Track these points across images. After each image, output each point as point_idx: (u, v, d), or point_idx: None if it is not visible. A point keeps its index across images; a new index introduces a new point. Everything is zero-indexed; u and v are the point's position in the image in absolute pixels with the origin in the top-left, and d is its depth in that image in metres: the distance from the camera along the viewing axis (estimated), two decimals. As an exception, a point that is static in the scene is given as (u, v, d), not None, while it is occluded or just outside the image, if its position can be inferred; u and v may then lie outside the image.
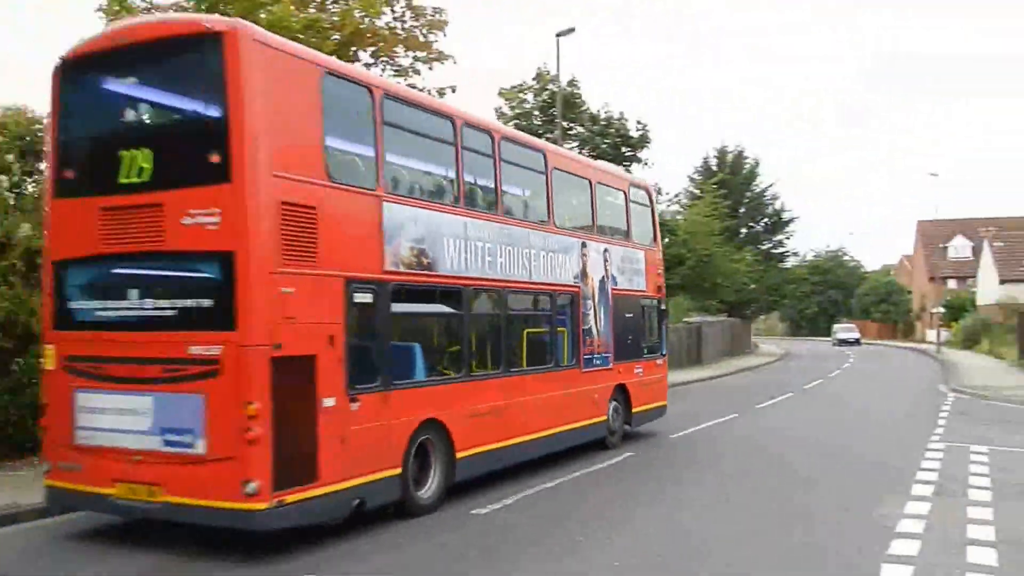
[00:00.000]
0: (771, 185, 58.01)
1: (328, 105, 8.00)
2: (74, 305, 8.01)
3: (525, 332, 11.37)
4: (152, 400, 7.29)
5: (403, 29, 18.00)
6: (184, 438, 7.12)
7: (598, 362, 12.95)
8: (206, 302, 7.28)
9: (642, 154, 30.62)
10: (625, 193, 14.56)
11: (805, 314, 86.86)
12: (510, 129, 15.65)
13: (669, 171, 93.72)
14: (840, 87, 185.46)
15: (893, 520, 8.52)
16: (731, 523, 8.76)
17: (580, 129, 30.58)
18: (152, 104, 8.15)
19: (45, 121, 9.60)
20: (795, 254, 64.47)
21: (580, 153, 30.17)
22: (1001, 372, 31.84)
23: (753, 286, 51.07)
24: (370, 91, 8.72)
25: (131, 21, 10.48)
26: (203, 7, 14.91)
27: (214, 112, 7.42)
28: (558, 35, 25.34)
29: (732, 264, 44.02)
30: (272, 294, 7.14)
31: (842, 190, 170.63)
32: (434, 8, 18.03)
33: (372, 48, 17.76)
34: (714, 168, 55.62)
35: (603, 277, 13.23)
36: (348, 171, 8.38)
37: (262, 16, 13.98)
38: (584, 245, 12.67)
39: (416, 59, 18.29)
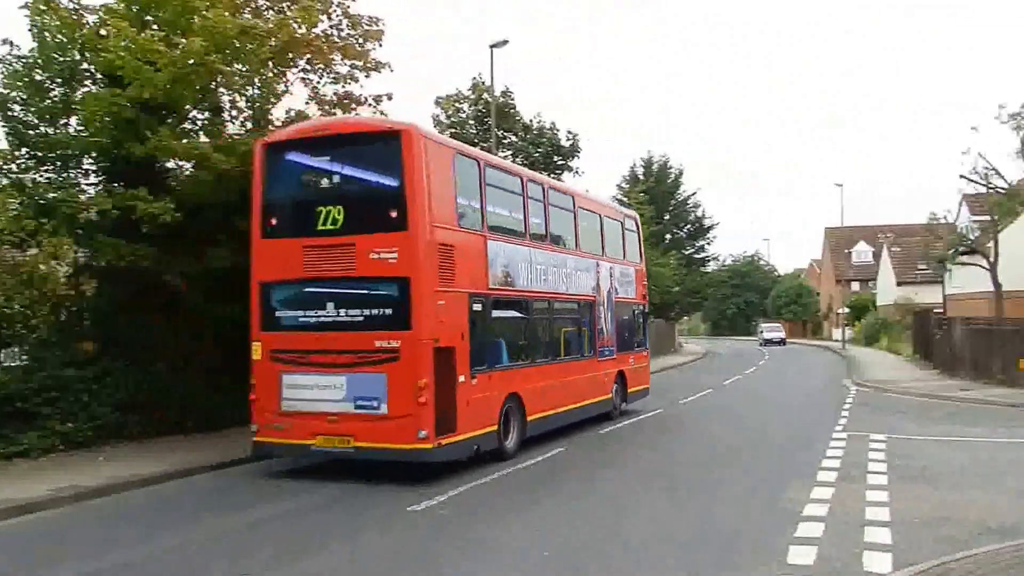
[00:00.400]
0: (694, 193, 59.93)
1: (457, 175, 11.52)
2: (278, 314, 11.21)
3: (563, 330, 15.24)
4: (345, 379, 10.53)
5: (340, 37, 18.23)
6: (371, 403, 10.40)
7: (607, 353, 16.89)
8: (388, 311, 10.60)
9: (573, 163, 31.49)
10: (621, 223, 18.87)
11: (725, 315, 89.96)
12: (553, 180, 20.73)
13: (601, 178, 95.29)
14: (760, 97, 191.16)
15: (800, 504, 9.25)
16: (650, 509, 9.34)
17: (514, 138, 31.24)
18: (344, 176, 11.57)
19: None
20: (715, 258, 66.86)
21: (514, 162, 30.89)
22: (898, 367, 33.93)
23: (677, 289, 52.63)
24: (478, 163, 12.53)
25: (328, 120, 14.94)
26: (133, 9, 14.93)
27: (394, 183, 10.93)
28: (492, 47, 25.86)
29: (657, 268, 45.33)
30: (433, 306, 10.47)
31: (759, 198, 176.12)
32: (370, 17, 18.32)
33: (308, 55, 17.97)
34: (640, 177, 57.08)
35: (609, 288, 17.11)
36: (468, 219, 11.80)
37: (195, 21, 13.91)
38: (597, 264, 16.61)
39: (353, 67, 18.60)
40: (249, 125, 18.16)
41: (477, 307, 11.58)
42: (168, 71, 13.69)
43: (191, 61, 13.95)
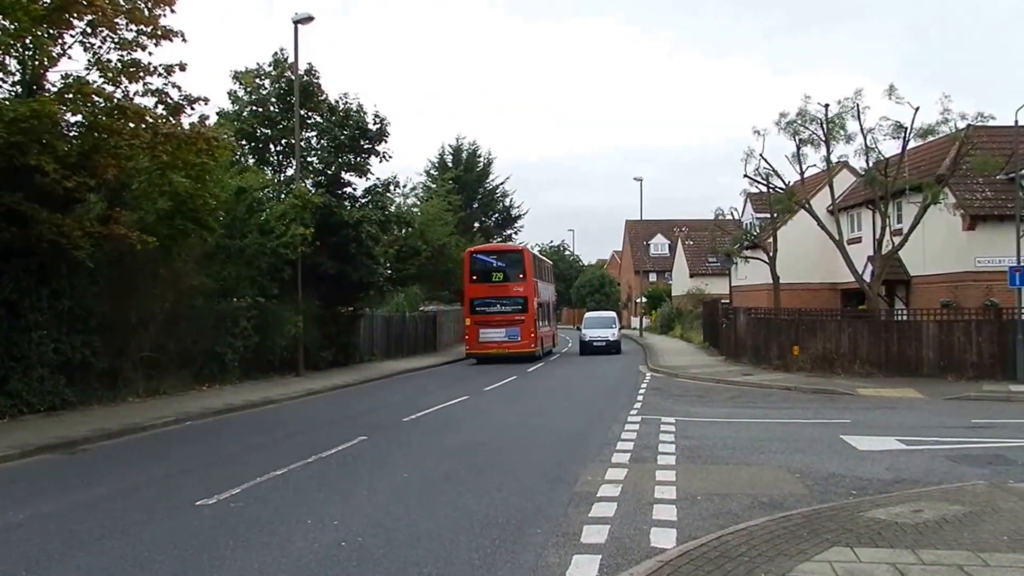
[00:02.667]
0: (503, 182, 61.03)
1: (535, 261, 38.57)
2: (477, 309, 34.56)
3: (547, 314, 39.42)
4: (506, 329, 34.06)
5: (126, 1, 16.88)
6: (515, 337, 34.06)
7: (545, 326, 38.65)
8: (520, 306, 34.46)
9: (380, 147, 30.86)
10: (551, 265, 49.91)
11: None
12: (534, 251, 45.61)
13: (411, 163, 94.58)
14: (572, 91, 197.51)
15: (595, 486, 9.59)
16: (443, 493, 9.29)
17: (319, 119, 30.20)
18: (501, 265, 35.58)
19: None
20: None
21: (319, 144, 29.95)
22: (690, 353, 36.26)
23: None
24: (540, 258, 43.83)
25: (494, 244, 47.37)
26: None
27: (521, 265, 35.53)
28: (296, 21, 24.86)
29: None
30: (533, 305, 34.92)
31: (566, 188, 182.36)
32: (161, -19, 17.10)
33: (90, 17, 16.46)
34: (449, 164, 57.27)
35: (548, 296, 40.32)
36: (537, 274, 37.39)
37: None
38: (549, 286, 41.96)
39: (141, 33, 17.25)
40: (19, 89, 16.44)
41: (540, 306, 36.05)
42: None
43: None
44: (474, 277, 34.72)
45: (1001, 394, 19.40)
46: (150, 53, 17.47)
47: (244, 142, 28.57)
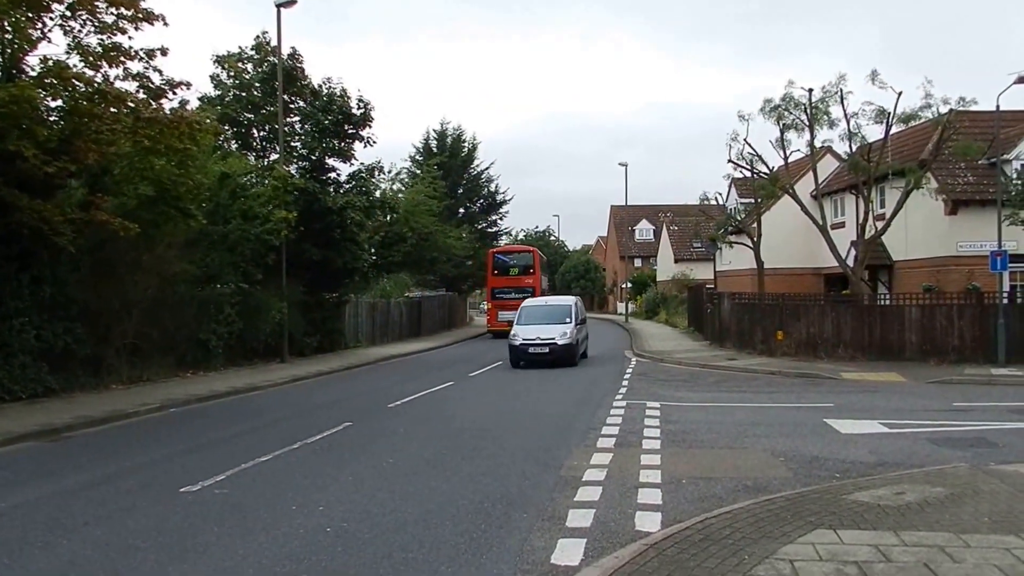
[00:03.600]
0: (488, 167, 60.81)
1: (541, 258, 48.31)
2: (496, 294, 43.81)
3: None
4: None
5: (106, -18, 16.64)
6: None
7: None
8: (529, 294, 39.87)
9: (364, 132, 30.63)
10: (547, 260, 61.18)
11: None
12: (513, 241, 69.17)
13: (396, 149, 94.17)
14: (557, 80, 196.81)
15: (580, 470, 9.64)
16: (431, 478, 9.31)
17: (302, 103, 29.93)
18: (516, 262, 44.99)
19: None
20: (508, 233, 68.47)
21: (303, 129, 29.70)
22: (674, 338, 36.39)
23: (469, 262, 53.36)
24: (543, 256, 53.60)
25: (511, 245, 59.62)
26: None
27: (531, 263, 44.86)
28: (279, 5, 24.64)
29: (450, 241, 45.64)
30: (539, 293, 42.10)
31: (551, 174, 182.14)
32: (141, -35, 16.86)
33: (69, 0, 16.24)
34: (434, 149, 56.99)
35: (545, 285, 49.76)
36: (543, 279, 48.42)
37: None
38: (544, 277, 50.42)
39: (121, 17, 17.02)
40: (-1, 73, 16.19)
41: (543, 293, 43.73)
42: None
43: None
44: (495, 272, 44.40)
45: (983, 377, 19.60)
46: (130, 37, 17.27)
47: (227, 127, 28.29)
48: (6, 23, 15.67)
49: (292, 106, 29.69)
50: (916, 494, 7.83)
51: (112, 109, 16.60)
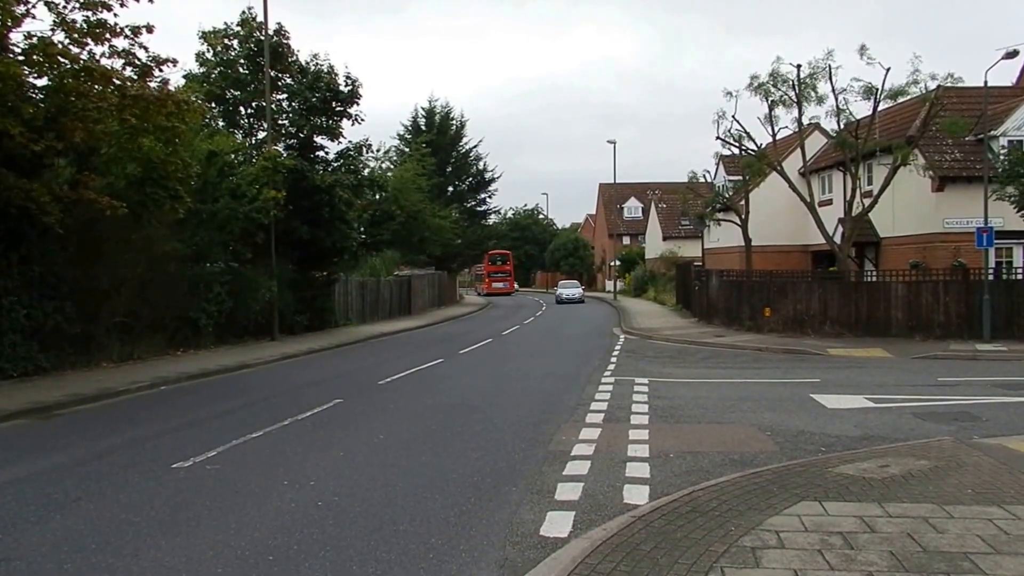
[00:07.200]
0: (476, 145, 60.64)
1: (512, 259, 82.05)
2: (491, 275, 77.37)
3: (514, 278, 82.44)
4: (503, 283, 78.13)
5: (90, -42, 16.44)
6: (506, 287, 78.27)
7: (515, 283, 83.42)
8: (508, 274, 79.14)
9: (352, 109, 30.44)
10: (511, 254, 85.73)
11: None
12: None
13: (386, 127, 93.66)
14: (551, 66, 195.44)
15: (569, 445, 9.75)
16: (421, 453, 9.40)
17: (289, 80, 29.69)
18: (500, 259, 78.30)
19: None
20: (497, 212, 68.69)
21: (290, 106, 29.48)
22: (663, 316, 36.55)
23: (459, 241, 53.29)
24: (510, 256, 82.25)
25: (497, 251, 78.41)
26: None
27: (508, 260, 78.92)
28: (264, -20, 24.38)
29: (439, 220, 45.54)
30: (512, 276, 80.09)
31: (539, 152, 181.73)
32: (126, -61, 16.66)
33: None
34: (423, 127, 56.71)
35: (511, 268, 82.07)
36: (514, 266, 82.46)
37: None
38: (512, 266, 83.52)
39: (105, -8, 16.83)
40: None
41: (512, 273, 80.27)
42: None
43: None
44: (489, 262, 76.12)
45: (967, 353, 19.82)
46: (115, 14, 17.08)
47: (213, 105, 28.06)
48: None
49: (279, 83, 29.44)
50: (900, 467, 7.95)
51: (98, 87, 16.45)
